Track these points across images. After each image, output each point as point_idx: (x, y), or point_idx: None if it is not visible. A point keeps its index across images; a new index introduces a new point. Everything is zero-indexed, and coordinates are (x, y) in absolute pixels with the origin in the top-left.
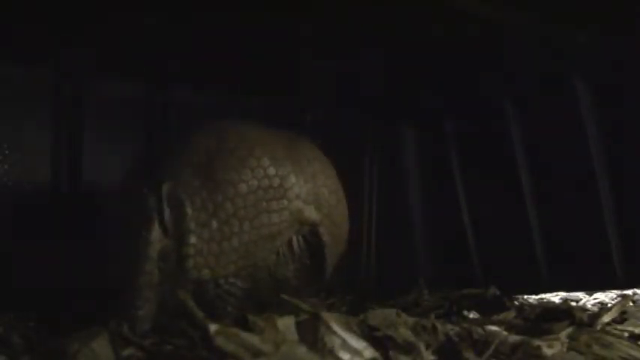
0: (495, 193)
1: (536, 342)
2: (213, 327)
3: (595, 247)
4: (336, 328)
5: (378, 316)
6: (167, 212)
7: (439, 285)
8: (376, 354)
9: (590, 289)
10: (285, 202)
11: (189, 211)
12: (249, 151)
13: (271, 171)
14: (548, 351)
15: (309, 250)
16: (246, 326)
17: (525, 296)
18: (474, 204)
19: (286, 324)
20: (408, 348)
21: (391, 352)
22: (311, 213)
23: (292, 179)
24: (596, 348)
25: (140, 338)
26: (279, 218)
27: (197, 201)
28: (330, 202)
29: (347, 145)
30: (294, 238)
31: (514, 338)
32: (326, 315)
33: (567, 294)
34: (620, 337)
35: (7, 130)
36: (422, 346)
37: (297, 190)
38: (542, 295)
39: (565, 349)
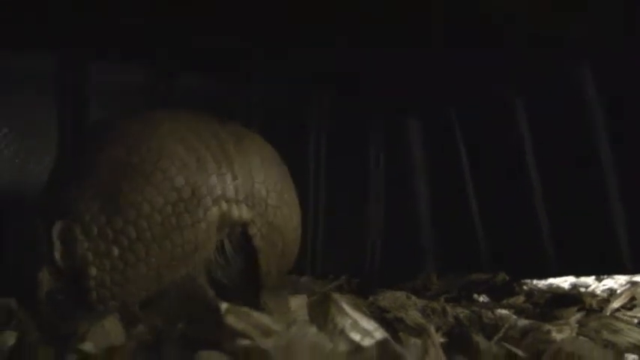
0: (502, 179)
1: (546, 326)
2: (224, 306)
3: (602, 231)
4: (347, 309)
5: (388, 298)
6: (58, 252)
7: (448, 273)
8: (387, 335)
9: (598, 273)
10: (201, 212)
11: (84, 243)
12: (154, 164)
13: (179, 181)
14: (557, 336)
15: (241, 254)
16: (258, 306)
17: (534, 281)
18: (482, 190)
19: (298, 304)
20: (418, 330)
21: (401, 334)
22: (241, 211)
23: (213, 181)
24: (605, 333)
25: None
26: (194, 234)
27: (94, 229)
28: (267, 201)
29: (353, 137)
30: (226, 241)
31: (524, 322)
32: (337, 296)
33: (576, 280)
34: (630, 323)
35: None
36: (432, 329)
37: (220, 191)
38: (551, 281)
39: (575, 335)
